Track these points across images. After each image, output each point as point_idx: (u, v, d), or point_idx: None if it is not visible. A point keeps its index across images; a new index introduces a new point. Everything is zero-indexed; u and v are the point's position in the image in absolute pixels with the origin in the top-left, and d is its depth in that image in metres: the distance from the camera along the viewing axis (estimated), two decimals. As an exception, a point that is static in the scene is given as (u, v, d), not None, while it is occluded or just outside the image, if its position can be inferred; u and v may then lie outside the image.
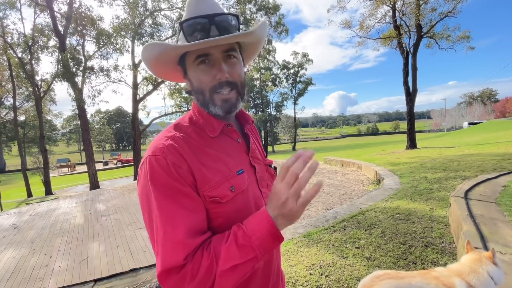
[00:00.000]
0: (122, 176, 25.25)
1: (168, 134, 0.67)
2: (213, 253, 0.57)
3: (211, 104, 0.69)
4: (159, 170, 0.61)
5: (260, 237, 0.57)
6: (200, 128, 0.72)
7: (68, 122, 63.80)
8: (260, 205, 0.74)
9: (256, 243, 0.56)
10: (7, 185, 28.27)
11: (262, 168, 0.81)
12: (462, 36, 14.94)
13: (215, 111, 0.70)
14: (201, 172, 0.64)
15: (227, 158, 0.71)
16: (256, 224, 0.58)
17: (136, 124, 18.51)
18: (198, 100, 0.72)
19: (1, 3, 17.78)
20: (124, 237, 4.72)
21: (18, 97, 25.04)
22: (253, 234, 0.57)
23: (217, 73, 0.67)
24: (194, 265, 0.55)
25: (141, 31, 17.41)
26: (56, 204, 8.40)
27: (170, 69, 0.76)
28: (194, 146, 0.66)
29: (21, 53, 18.75)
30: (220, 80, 0.67)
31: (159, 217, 0.59)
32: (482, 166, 6.52)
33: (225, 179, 0.67)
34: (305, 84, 48.27)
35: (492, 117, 59.07)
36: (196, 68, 0.68)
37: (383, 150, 16.18)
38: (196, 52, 0.66)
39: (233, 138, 0.76)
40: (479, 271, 1.32)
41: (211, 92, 0.68)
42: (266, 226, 0.57)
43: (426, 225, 3.54)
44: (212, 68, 0.67)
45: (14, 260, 4.17)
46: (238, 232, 0.59)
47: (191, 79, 0.71)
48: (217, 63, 0.67)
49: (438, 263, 2.65)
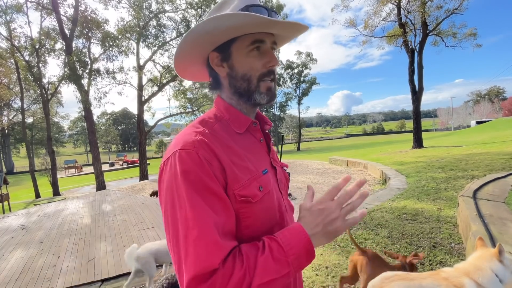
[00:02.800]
0: (128, 177, 25.47)
1: (196, 130, 0.65)
2: (247, 264, 0.53)
3: (257, 92, 0.69)
4: (192, 164, 0.57)
5: (296, 253, 0.55)
6: (225, 124, 0.70)
7: (75, 123, 64.72)
8: (281, 206, 0.73)
9: (291, 258, 0.55)
10: (15, 186, 28.75)
11: (280, 170, 0.81)
12: (469, 33, 14.73)
13: (259, 99, 0.70)
14: (231, 170, 0.62)
15: (252, 157, 0.69)
16: (292, 239, 0.57)
17: (142, 125, 18.66)
18: (239, 88, 0.70)
19: (8, 7, 18.11)
20: (131, 237, 4.76)
21: (26, 100, 25.46)
22: (289, 249, 0.55)
23: (270, 61, 0.68)
24: (225, 272, 0.51)
25: (146, 33, 17.56)
26: (63, 205, 8.51)
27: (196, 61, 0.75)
28: (222, 143, 0.64)
29: (29, 56, 19.07)
30: (271, 68, 0.69)
31: (192, 214, 0.54)
32: (490, 165, 6.41)
33: (253, 178, 0.65)
34: (309, 83, 48.07)
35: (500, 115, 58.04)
36: (248, 53, 0.68)
37: (389, 150, 16.03)
38: (253, 37, 0.67)
39: (256, 137, 0.75)
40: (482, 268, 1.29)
41: (258, 79, 0.69)
42: (303, 242, 0.56)
43: (433, 225, 3.49)
44: (263, 56, 0.68)
45: (22, 260, 4.23)
46: (272, 245, 0.56)
47: (236, 65, 0.69)
48: (268, 51, 0.69)
49: (446, 263, 2.61)
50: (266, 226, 0.66)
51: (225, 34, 0.66)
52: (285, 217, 0.73)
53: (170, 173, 0.59)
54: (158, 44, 17.99)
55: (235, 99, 0.73)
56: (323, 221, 0.58)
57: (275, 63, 0.69)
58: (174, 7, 17.65)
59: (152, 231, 5.00)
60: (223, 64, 0.71)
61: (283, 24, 0.66)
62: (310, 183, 8.63)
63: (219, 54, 0.70)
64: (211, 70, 0.74)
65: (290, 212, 0.80)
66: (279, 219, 0.69)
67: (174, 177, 0.58)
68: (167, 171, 0.60)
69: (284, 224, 0.72)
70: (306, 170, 11.53)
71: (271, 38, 0.70)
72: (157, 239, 4.55)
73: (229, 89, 0.72)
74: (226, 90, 0.73)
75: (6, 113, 34.51)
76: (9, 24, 18.47)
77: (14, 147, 50.36)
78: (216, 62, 0.71)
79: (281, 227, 0.68)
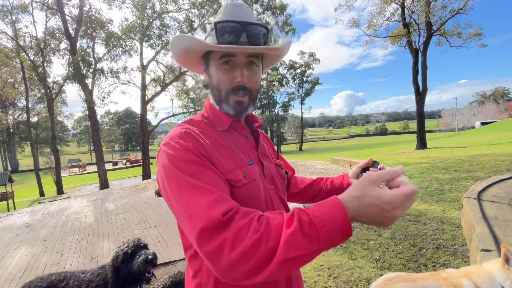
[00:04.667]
0: (131, 176, 25.62)
1: (182, 127, 0.71)
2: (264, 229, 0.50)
3: (225, 103, 0.74)
4: (181, 149, 0.63)
5: (330, 231, 0.50)
6: (210, 123, 0.76)
7: (79, 123, 65.18)
8: (271, 199, 0.76)
9: (323, 235, 0.50)
10: (20, 184, 29.04)
11: (271, 166, 0.83)
12: (474, 33, 14.59)
13: (227, 110, 0.74)
14: (216, 158, 0.66)
15: (237, 150, 0.74)
16: (328, 214, 0.51)
17: (145, 125, 18.76)
18: (214, 95, 0.76)
19: (14, 7, 18.29)
20: (133, 236, 4.76)
21: (30, 99, 25.74)
22: (322, 226, 0.50)
23: (237, 76, 0.70)
24: (240, 230, 0.50)
25: (149, 33, 17.65)
26: (67, 203, 8.57)
27: (192, 60, 0.79)
28: (207, 136, 0.71)
29: (34, 56, 19.27)
30: (239, 84, 0.71)
31: (189, 182, 0.57)
32: (495, 167, 6.35)
33: (238, 167, 0.69)
34: (312, 83, 48.00)
35: (505, 116, 57.47)
36: (219, 66, 0.71)
37: (392, 150, 15.95)
38: (222, 52, 0.70)
39: (241, 133, 0.80)
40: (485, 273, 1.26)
41: (227, 92, 0.72)
42: (340, 222, 0.50)
43: (437, 227, 3.47)
44: (233, 70, 0.70)
45: (26, 258, 4.27)
46: (303, 218, 0.51)
47: (211, 75, 0.75)
48: (239, 66, 0.70)
49: (449, 265, 2.59)
50: None
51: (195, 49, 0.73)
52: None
53: (161, 160, 0.64)
54: (162, 44, 18.07)
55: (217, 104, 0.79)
56: (381, 215, 0.50)
57: (241, 80, 0.69)
58: (177, 7, 17.72)
59: (154, 230, 5.02)
60: (205, 72, 0.77)
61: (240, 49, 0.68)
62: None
63: (203, 62, 0.77)
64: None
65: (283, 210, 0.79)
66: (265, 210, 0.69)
67: (165, 162, 0.62)
68: (161, 160, 0.64)
69: None
70: (309, 171, 11.50)
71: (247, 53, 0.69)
72: (159, 238, 4.56)
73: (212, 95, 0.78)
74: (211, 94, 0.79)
75: (11, 112, 34.90)
76: (15, 24, 18.69)
77: (19, 146, 50.85)
78: (203, 69, 0.78)
79: None
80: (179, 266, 3.48)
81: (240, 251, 0.49)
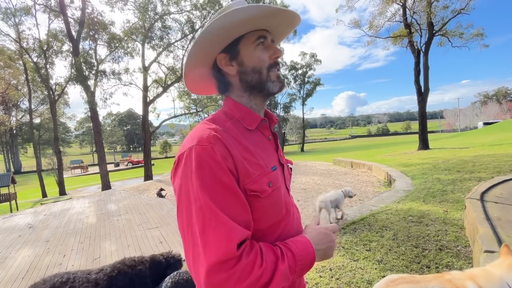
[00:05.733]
0: (132, 177, 25.68)
1: (210, 126, 0.67)
2: (265, 265, 0.57)
3: (269, 81, 0.74)
4: (207, 160, 0.59)
5: (303, 264, 0.63)
6: (236, 122, 0.73)
7: (81, 124, 65.48)
8: (288, 202, 0.76)
9: (298, 268, 0.61)
10: (23, 185, 29.19)
11: (286, 167, 0.85)
12: (476, 33, 14.54)
13: (272, 87, 0.74)
14: (243, 166, 0.64)
15: (262, 154, 0.72)
16: (303, 251, 0.64)
17: (146, 126, 18.81)
18: (252, 80, 0.74)
19: (17, 9, 18.44)
20: (135, 237, 4.79)
21: (33, 101, 25.86)
22: (299, 260, 0.62)
23: (275, 52, 0.75)
24: (246, 267, 0.54)
25: (151, 35, 17.72)
26: (69, 204, 8.60)
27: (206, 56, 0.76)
28: (234, 139, 0.67)
29: (36, 57, 19.38)
30: (276, 59, 0.75)
31: (208, 207, 0.56)
32: (498, 167, 6.31)
33: (263, 174, 0.68)
34: (313, 84, 47.90)
35: (508, 117, 57.11)
36: (255, 48, 0.74)
37: (394, 151, 15.88)
38: (257, 33, 0.73)
39: (265, 135, 0.79)
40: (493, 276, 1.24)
41: (268, 70, 0.74)
42: (311, 256, 0.64)
43: (440, 228, 3.45)
44: (268, 49, 0.75)
45: (29, 259, 4.28)
46: (288, 254, 0.62)
47: (245, 60, 0.74)
48: (272, 45, 0.76)
49: (453, 267, 2.57)
50: (273, 220, 0.69)
51: (236, 30, 0.71)
52: (291, 212, 0.76)
53: (186, 168, 0.60)
54: (163, 46, 18.14)
55: (247, 95, 0.76)
56: (327, 243, 0.70)
57: (280, 54, 0.76)
58: (179, 8, 17.78)
59: (156, 231, 5.03)
60: (231, 63, 0.74)
61: (286, 13, 0.73)
62: (314, 184, 8.59)
63: (227, 55, 0.74)
64: (218, 73, 0.77)
65: (295, 209, 0.82)
66: (285, 214, 0.73)
67: (190, 172, 0.59)
68: (183, 165, 0.61)
69: (290, 219, 0.75)
70: (310, 171, 11.48)
71: (270, 35, 0.76)
72: (161, 239, 4.57)
73: (240, 86, 0.75)
74: (237, 88, 0.76)
75: (14, 114, 35.11)
76: (18, 27, 18.83)
77: (21, 147, 51.12)
78: (225, 62, 0.75)
79: (286, 222, 0.73)
80: (180, 267, 3.47)
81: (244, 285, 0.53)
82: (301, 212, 5.42)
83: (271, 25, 0.75)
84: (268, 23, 0.74)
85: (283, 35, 0.84)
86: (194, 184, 0.58)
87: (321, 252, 0.68)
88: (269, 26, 0.75)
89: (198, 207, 0.56)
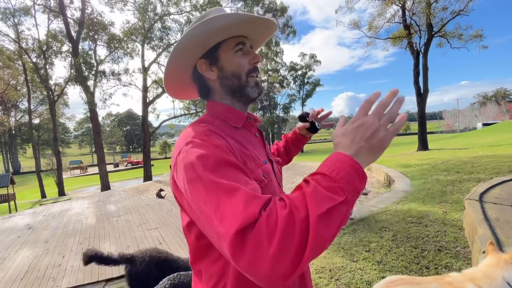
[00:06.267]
0: (132, 178, 25.63)
1: (200, 125, 0.67)
2: (290, 202, 0.48)
3: (248, 86, 0.75)
4: (209, 146, 0.58)
5: (346, 176, 0.49)
6: (223, 122, 0.74)
7: (80, 124, 65.37)
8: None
9: (342, 183, 0.48)
10: (22, 186, 29.12)
11: (276, 163, 0.87)
12: (475, 34, 14.60)
13: (251, 93, 0.76)
14: (240, 156, 0.65)
15: (252, 148, 0.74)
16: (334, 164, 0.51)
17: (146, 127, 18.80)
18: (232, 85, 0.75)
19: (16, 9, 18.43)
20: (134, 238, 4.78)
21: (32, 101, 25.83)
22: (336, 174, 0.49)
23: (254, 58, 0.76)
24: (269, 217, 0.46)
25: (151, 35, 17.72)
26: (68, 205, 8.59)
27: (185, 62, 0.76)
28: (226, 134, 0.68)
29: (36, 58, 19.36)
30: (255, 64, 0.76)
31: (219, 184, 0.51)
32: (497, 168, 6.32)
33: (258, 165, 0.69)
34: (313, 85, 47.94)
35: (507, 118, 57.20)
36: (234, 53, 0.75)
37: (394, 152, 15.90)
38: (236, 40, 0.75)
39: (252, 132, 0.81)
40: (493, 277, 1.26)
41: (247, 75, 0.75)
42: (348, 163, 0.51)
43: (439, 229, 3.45)
44: (247, 55, 0.76)
45: (28, 260, 4.27)
46: (316, 177, 0.51)
47: (225, 65, 0.75)
48: (250, 50, 0.77)
49: (452, 268, 2.57)
50: None
51: (215, 37, 0.72)
52: None
53: (188, 159, 0.57)
54: (163, 46, 18.13)
55: (229, 98, 0.77)
56: (363, 137, 0.53)
57: (258, 59, 0.77)
58: (178, 9, 17.79)
59: (155, 231, 5.02)
60: (212, 68, 0.75)
61: (262, 20, 0.75)
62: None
63: (207, 60, 0.76)
64: (199, 78, 0.78)
65: None
66: None
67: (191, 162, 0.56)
68: (184, 158, 0.58)
69: None
70: (310, 172, 11.48)
71: (249, 41, 0.78)
72: (160, 239, 4.56)
73: (222, 90, 0.76)
74: (218, 92, 0.77)
75: (13, 114, 35.06)
76: (17, 27, 18.82)
77: (21, 148, 51.02)
78: (205, 68, 0.76)
79: None
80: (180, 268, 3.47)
81: (278, 235, 0.44)
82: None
83: (249, 32, 0.76)
84: (246, 30, 0.75)
85: (261, 41, 0.86)
86: (196, 169, 0.54)
87: (364, 151, 0.53)
88: (247, 33, 0.77)
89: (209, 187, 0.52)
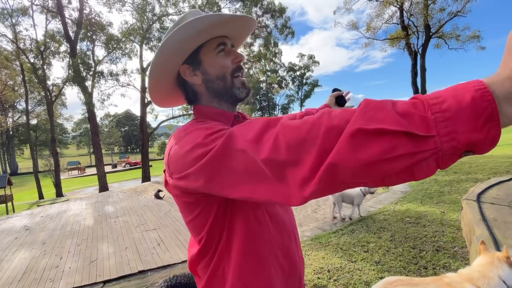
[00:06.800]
0: (130, 179, 25.57)
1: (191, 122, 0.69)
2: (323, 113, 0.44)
3: (235, 87, 0.74)
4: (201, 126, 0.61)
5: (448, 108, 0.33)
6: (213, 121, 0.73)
7: (78, 125, 65.07)
8: None
9: (438, 115, 0.33)
10: (19, 187, 28.95)
11: None
12: (472, 35, 14.69)
13: (239, 93, 0.75)
14: None
15: None
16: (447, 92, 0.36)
17: (144, 127, 18.75)
18: (218, 87, 0.74)
19: (14, 10, 18.36)
20: (132, 239, 4.77)
21: (30, 101, 25.71)
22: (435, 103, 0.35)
23: (237, 57, 0.74)
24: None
25: (149, 36, 17.68)
26: (66, 206, 8.55)
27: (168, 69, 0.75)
28: None
29: (33, 58, 19.28)
30: (239, 64, 0.75)
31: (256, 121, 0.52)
32: (495, 168, 6.36)
33: None
34: (311, 86, 48.09)
35: (505, 118, 57.58)
36: (216, 55, 0.73)
37: (392, 152, 15.96)
38: (217, 41, 0.74)
39: None
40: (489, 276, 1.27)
41: (231, 75, 0.74)
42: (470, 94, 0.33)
43: (437, 229, 3.47)
44: (229, 54, 0.75)
45: (25, 261, 4.25)
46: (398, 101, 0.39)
47: (208, 68, 0.73)
48: (232, 50, 0.76)
49: (450, 268, 2.58)
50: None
51: (195, 40, 0.70)
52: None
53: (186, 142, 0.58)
54: (161, 47, 18.08)
55: (216, 101, 0.76)
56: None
57: (242, 58, 0.75)
58: (177, 10, 17.77)
59: (154, 232, 5.01)
60: (195, 73, 0.74)
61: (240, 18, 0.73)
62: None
63: (189, 66, 0.74)
64: (184, 84, 0.77)
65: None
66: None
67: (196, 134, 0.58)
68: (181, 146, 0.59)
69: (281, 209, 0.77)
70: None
71: (230, 41, 0.77)
72: (159, 240, 4.55)
73: (208, 94, 0.75)
74: (205, 96, 0.76)
75: (10, 115, 34.87)
76: (15, 27, 18.75)
77: (18, 149, 50.76)
78: (188, 73, 0.74)
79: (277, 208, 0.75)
80: (178, 269, 3.47)
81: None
82: (300, 212, 5.43)
83: (228, 31, 0.75)
84: (225, 30, 0.74)
85: (241, 39, 0.85)
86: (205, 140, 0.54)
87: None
88: (227, 32, 0.75)
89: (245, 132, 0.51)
